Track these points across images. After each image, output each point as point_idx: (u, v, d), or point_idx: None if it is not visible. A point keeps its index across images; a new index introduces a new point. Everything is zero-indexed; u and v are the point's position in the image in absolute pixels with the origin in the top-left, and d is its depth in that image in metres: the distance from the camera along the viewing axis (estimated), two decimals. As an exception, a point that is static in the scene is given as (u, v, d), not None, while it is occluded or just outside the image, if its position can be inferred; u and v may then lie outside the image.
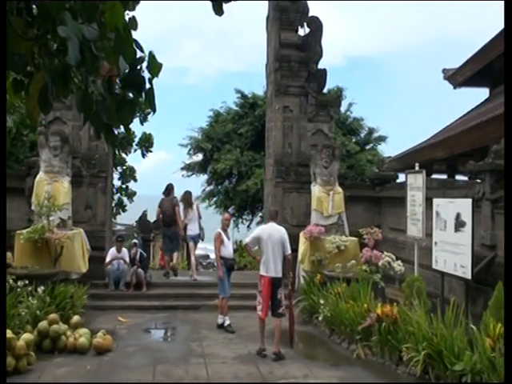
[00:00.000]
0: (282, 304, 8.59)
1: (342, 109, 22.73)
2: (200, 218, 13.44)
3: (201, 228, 13.38)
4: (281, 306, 8.56)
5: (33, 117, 3.26)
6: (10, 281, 9.23)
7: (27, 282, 9.31)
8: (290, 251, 8.80)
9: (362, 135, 24.82)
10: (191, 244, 13.32)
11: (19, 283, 9.24)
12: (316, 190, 12.32)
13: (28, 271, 9.95)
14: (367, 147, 24.38)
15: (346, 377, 7.54)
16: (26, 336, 7.68)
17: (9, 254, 10.17)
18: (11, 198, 12.42)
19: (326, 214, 12.10)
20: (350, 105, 24.51)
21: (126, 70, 3.13)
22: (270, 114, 14.21)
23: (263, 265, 8.63)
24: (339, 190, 12.36)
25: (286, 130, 13.44)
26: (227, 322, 10.00)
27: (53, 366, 7.68)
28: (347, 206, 12.40)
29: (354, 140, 23.84)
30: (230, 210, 23.49)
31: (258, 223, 22.48)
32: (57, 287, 9.77)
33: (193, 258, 13.47)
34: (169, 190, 13.82)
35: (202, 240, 13.86)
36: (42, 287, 9.38)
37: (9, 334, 7.45)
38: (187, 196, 13.53)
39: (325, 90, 14.31)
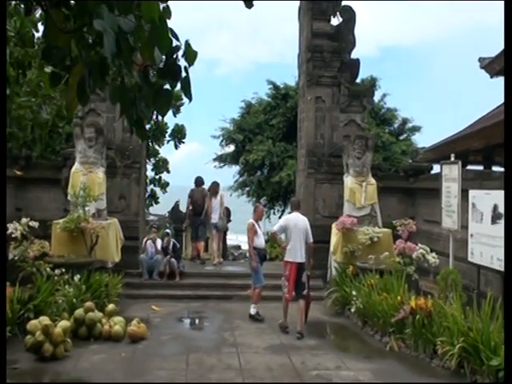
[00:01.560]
0: (306, 287, 9.28)
1: (376, 99, 22.40)
2: (227, 219, 14.70)
3: (221, 218, 14.24)
4: (304, 289, 9.28)
5: (71, 108, 3.32)
6: (48, 269, 9.47)
7: (64, 270, 9.53)
8: (312, 239, 9.54)
9: (396, 126, 24.46)
10: (214, 231, 14.25)
11: (56, 271, 9.46)
12: (349, 180, 12.23)
13: (64, 260, 10.16)
14: (401, 138, 24.04)
15: (379, 369, 7.50)
16: (63, 323, 7.85)
17: (46, 243, 10.39)
18: (48, 188, 12.76)
19: (358, 205, 12.00)
20: (384, 95, 24.17)
21: (162, 60, 3.16)
22: (302, 105, 14.13)
23: (289, 251, 9.35)
24: (372, 180, 12.23)
25: (318, 120, 13.34)
26: (255, 311, 10.08)
27: (89, 353, 7.84)
28: (380, 197, 12.27)
29: (387, 130, 23.53)
30: (261, 200, 23.50)
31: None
32: (92, 276, 9.96)
33: (214, 245, 14.22)
34: (199, 181, 14.67)
35: (220, 230, 14.51)
36: (78, 276, 9.57)
37: (46, 320, 7.65)
38: (214, 186, 14.48)
39: (358, 81, 14.15)
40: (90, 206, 11.09)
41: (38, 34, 5.12)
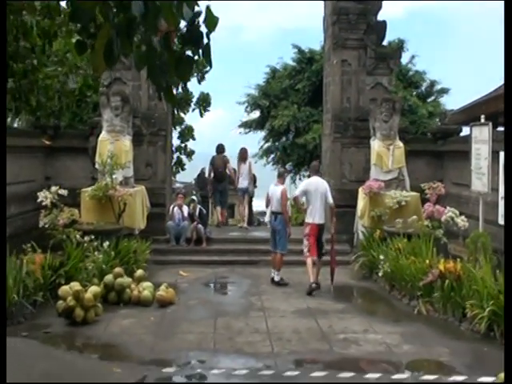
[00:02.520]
0: (325, 246, 9.91)
1: (404, 61, 21.95)
2: (252, 175, 14.83)
3: (250, 183, 14.60)
4: (323, 248, 9.90)
5: (99, 71, 3.33)
6: (77, 236, 9.62)
7: (93, 237, 9.66)
8: (332, 201, 9.91)
9: (424, 88, 23.94)
10: (241, 197, 14.66)
11: (85, 238, 9.61)
12: (375, 144, 12.04)
13: (93, 227, 10.31)
14: (428, 100, 23.55)
15: (407, 332, 7.48)
16: (93, 288, 7.99)
17: (75, 211, 10.55)
18: (76, 156, 12.90)
19: (385, 169, 11.84)
20: (412, 57, 23.59)
21: (185, 25, 3.12)
22: (327, 69, 13.88)
23: (310, 214, 9.81)
24: (400, 144, 12.03)
25: (345, 84, 13.09)
26: (279, 277, 10.14)
27: (118, 317, 7.99)
28: (408, 160, 12.07)
29: (414, 93, 23.05)
30: (287, 166, 23.42)
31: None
32: (120, 242, 10.10)
33: (242, 209, 14.67)
34: (220, 148, 14.94)
35: (248, 195, 14.89)
36: (107, 242, 9.72)
37: (77, 286, 7.80)
38: (242, 152, 14.77)
39: (385, 43, 13.78)
40: (117, 173, 11.17)
41: (63, 4, 5.09)
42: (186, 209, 12.52)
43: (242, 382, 5.90)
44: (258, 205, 18.84)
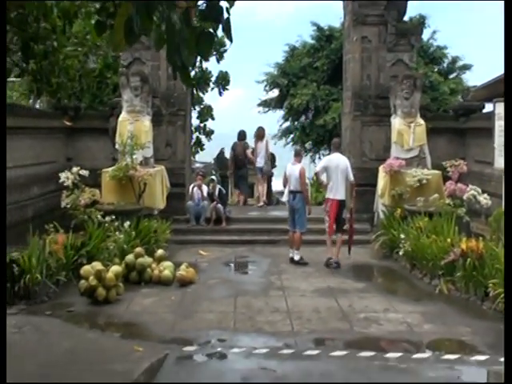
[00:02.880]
0: (345, 222, 10.20)
1: (425, 37, 21.51)
2: (269, 153, 15.16)
3: (266, 162, 14.80)
4: (344, 224, 10.17)
5: (119, 49, 3.35)
6: (99, 216, 9.71)
7: (114, 217, 9.75)
8: (352, 178, 10.10)
9: (445, 64, 23.50)
10: (259, 175, 14.92)
11: (107, 218, 9.69)
12: (396, 122, 11.88)
13: (114, 207, 10.39)
14: (450, 77, 23.13)
15: (428, 311, 7.44)
16: (115, 268, 8.08)
17: (96, 191, 10.63)
18: (97, 137, 12.99)
19: (406, 147, 11.69)
20: (434, 33, 23.12)
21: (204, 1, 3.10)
22: (347, 46, 13.67)
23: (330, 190, 10.01)
24: (421, 121, 11.85)
25: (365, 61, 12.89)
26: (299, 256, 10.15)
27: (140, 296, 8.08)
28: (429, 138, 11.89)
29: (436, 70, 22.64)
30: (306, 145, 23.30)
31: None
32: (141, 222, 10.16)
33: (260, 187, 14.91)
34: (241, 135, 15.30)
35: (265, 173, 15.09)
36: (128, 222, 9.80)
37: (99, 266, 7.89)
38: (259, 130, 14.93)
39: (406, 19, 13.51)
40: (137, 154, 11.20)
41: None
42: (205, 189, 12.54)
43: (262, 360, 5.93)
44: (277, 184, 18.88)
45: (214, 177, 14.41)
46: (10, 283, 7.35)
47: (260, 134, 14.82)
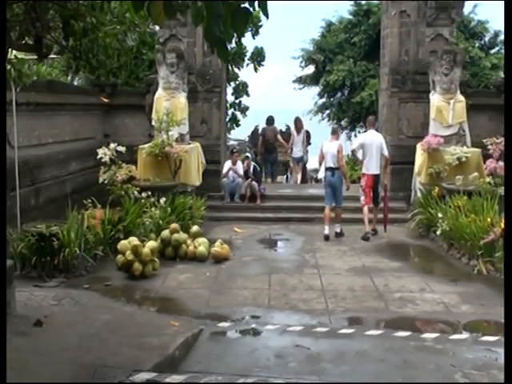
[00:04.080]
0: (380, 199, 10.60)
1: (466, 11, 20.83)
2: (307, 143, 15.58)
3: (305, 152, 15.37)
4: (379, 198, 10.60)
5: (158, 21, 3.37)
6: (135, 192, 9.82)
7: (150, 193, 9.84)
8: (387, 153, 10.58)
9: (487, 39, 22.77)
10: (296, 165, 15.41)
11: (143, 194, 9.79)
12: (435, 98, 11.58)
13: (150, 183, 10.49)
14: (492, 51, 22.41)
15: (466, 292, 7.32)
16: (151, 243, 8.17)
17: (133, 167, 10.72)
18: (133, 114, 13.09)
19: (445, 124, 11.41)
20: (475, 6, 22.35)
21: None
22: (385, 21, 13.34)
23: (366, 165, 10.44)
24: (461, 98, 11.53)
25: (403, 36, 12.56)
26: (340, 228, 10.48)
27: (175, 272, 8.18)
28: (469, 115, 11.57)
29: (477, 45, 21.97)
30: (342, 122, 23.02)
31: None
32: (176, 199, 10.24)
33: (296, 175, 15.38)
34: (270, 120, 15.68)
35: (306, 162, 15.99)
36: (164, 198, 9.88)
37: (135, 241, 8.00)
38: (297, 122, 15.43)
39: (446, -9, 13.08)
40: (173, 130, 11.24)
41: None
42: (240, 166, 12.53)
43: (296, 338, 5.95)
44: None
45: (248, 154, 14.39)
46: (49, 257, 7.54)
47: (298, 125, 15.22)
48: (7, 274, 5.69)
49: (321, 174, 11.18)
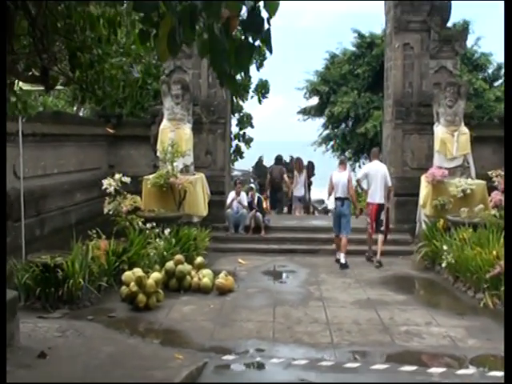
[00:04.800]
0: (383, 224, 10.90)
1: (469, 43, 21.10)
2: (308, 183, 16.10)
3: (306, 191, 15.82)
4: (382, 225, 10.88)
5: (163, 59, 3.43)
6: (140, 223, 9.82)
7: (154, 224, 9.84)
8: (390, 183, 11.02)
9: (490, 71, 23.00)
10: (296, 204, 15.72)
11: (147, 225, 9.79)
12: (439, 130, 11.65)
13: (155, 214, 10.50)
14: (496, 84, 22.61)
15: (473, 326, 7.24)
16: (155, 275, 8.14)
17: (138, 198, 10.75)
18: (138, 145, 13.19)
19: (449, 156, 11.45)
20: (478, 39, 22.67)
21: (245, 12, 3.11)
22: (389, 53, 13.52)
23: (370, 195, 10.88)
24: (465, 130, 11.59)
25: (407, 68, 12.71)
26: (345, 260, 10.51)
27: (179, 304, 8.13)
28: (474, 147, 11.62)
29: (480, 77, 22.19)
30: (346, 153, 23.11)
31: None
32: (181, 230, 10.24)
33: (298, 214, 15.57)
34: (278, 160, 16.49)
35: (308, 201, 16.54)
36: (168, 229, 9.88)
37: (140, 272, 7.98)
38: (298, 162, 15.88)
39: (449, 24, 13.28)
40: (177, 161, 11.30)
41: None
42: (244, 197, 12.55)
43: (301, 372, 5.88)
44: (315, 193, 18.86)
45: (252, 185, 14.44)
46: (54, 288, 7.52)
47: (299, 166, 15.71)
48: (11, 305, 5.69)
49: (331, 205, 11.37)
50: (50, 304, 7.49)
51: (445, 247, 9.57)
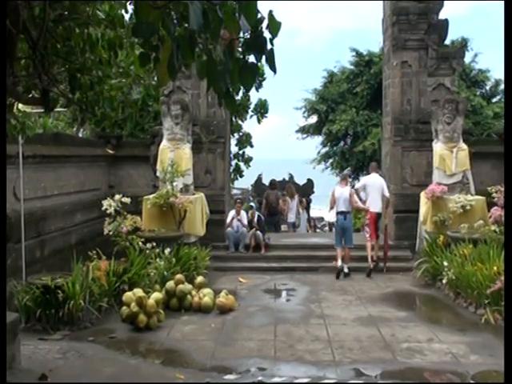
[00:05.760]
0: (380, 231, 11.68)
1: (466, 60, 21.34)
2: (307, 201, 17.30)
3: (297, 217, 16.36)
4: (379, 230, 11.65)
5: (163, 83, 3.49)
6: (140, 243, 9.81)
7: (154, 244, 9.84)
8: (388, 194, 11.73)
9: (488, 88, 23.20)
10: (291, 229, 16.20)
11: (148, 245, 9.79)
12: (438, 147, 11.71)
13: (155, 234, 10.50)
14: (494, 100, 22.78)
15: (475, 342, 7.21)
16: (156, 295, 8.13)
17: (138, 218, 10.75)
18: (138, 165, 13.23)
19: (448, 173, 11.48)
20: (475, 55, 22.94)
21: (248, 32, 3.16)
22: (387, 71, 13.64)
23: (369, 204, 11.48)
24: (464, 146, 11.64)
25: (405, 86, 12.81)
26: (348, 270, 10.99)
27: (180, 324, 8.10)
28: (472, 163, 11.66)
29: (478, 93, 22.36)
30: (345, 171, 23.21)
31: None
32: (181, 249, 10.23)
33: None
34: (273, 184, 16.96)
35: (298, 227, 16.66)
36: (168, 249, 9.86)
37: (140, 292, 7.96)
38: (290, 189, 16.59)
39: (447, 42, 13.43)
40: (177, 181, 11.34)
41: (127, 16, 5.23)
42: (244, 215, 12.57)
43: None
44: (315, 211, 18.94)
45: (252, 204, 14.46)
46: (54, 309, 7.49)
47: (291, 192, 16.26)
48: (13, 327, 5.68)
49: (333, 219, 11.93)
50: (51, 325, 7.47)
51: (445, 263, 9.55)
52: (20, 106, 5.98)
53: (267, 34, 3.18)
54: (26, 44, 4.71)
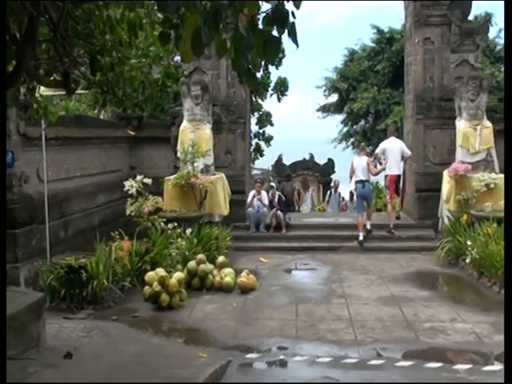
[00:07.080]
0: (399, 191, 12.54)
1: (490, 36, 20.88)
2: (313, 203, 17.74)
3: (312, 208, 17.26)
4: (398, 190, 12.42)
5: (187, 59, 3.46)
6: (161, 223, 9.89)
7: (176, 224, 9.89)
8: (409, 153, 12.18)
9: (513, 63, 22.69)
10: None
11: (169, 225, 9.85)
12: (461, 125, 11.51)
13: (176, 214, 10.56)
14: (519, 76, 22.30)
15: (499, 322, 7.07)
16: (178, 274, 8.20)
17: (159, 199, 10.81)
18: (159, 146, 13.28)
19: (472, 151, 11.30)
20: (500, 31, 22.41)
21: (270, 6, 3.14)
22: (409, 48, 13.40)
23: (388, 167, 11.95)
24: (487, 123, 11.43)
25: (427, 63, 12.58)
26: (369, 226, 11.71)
27: (202, 303, 8.17)
28: (497, 140, 11.42)
29: (503, 69, 21.89)
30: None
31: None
32: (202, 229, 10.28)
33: None
34: (288, 176, 17.61)
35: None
36: (190, 229, 9.93)
37: (162, 272, 8.04)
38: (304, 180, 17.61)
39: (470, 17, 13.11)
40: (198, 161, 11.34)
41: None
42: (265, 195, 12.56)
43: (324, 369, 5.87)
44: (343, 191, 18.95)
45: (273, 183, 14.44)
46: (78, 288, 7.62)
47: (305, 185, 17.09)
48: (38, 306, 5.80)
49: (352, 187, 12.86)
50: (75, 305, 7.60)
51: (469, 242, 9.45)
52: (42, 89, 6.01)
53: (289, 7, 3.17)
54: (46, 27, 4.71)
